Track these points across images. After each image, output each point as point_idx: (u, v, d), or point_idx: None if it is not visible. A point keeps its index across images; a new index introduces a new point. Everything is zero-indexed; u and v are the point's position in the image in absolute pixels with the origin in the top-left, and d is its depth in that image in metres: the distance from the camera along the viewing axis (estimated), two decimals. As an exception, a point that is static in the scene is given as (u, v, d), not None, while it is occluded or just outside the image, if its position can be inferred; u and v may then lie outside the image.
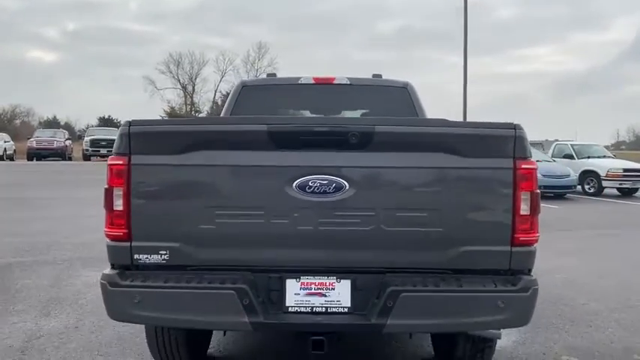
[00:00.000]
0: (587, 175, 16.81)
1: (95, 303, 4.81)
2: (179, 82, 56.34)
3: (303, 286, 2.62)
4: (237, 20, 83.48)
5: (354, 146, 2.57)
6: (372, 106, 4.95)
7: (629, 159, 19.03)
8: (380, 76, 5.15)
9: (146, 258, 2.62)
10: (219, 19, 77.58)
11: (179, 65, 55.75)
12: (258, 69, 55.74)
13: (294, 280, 2.62)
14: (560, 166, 16.08)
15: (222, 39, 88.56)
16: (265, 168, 2.61)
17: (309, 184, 2.55)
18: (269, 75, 5.29)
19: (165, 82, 55.76)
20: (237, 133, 2.66)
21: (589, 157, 17.46)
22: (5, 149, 30.03)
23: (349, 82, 4.87)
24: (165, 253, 2.61)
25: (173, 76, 55.98)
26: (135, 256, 2.62)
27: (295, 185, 2.56)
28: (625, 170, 16.61)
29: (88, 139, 30.50)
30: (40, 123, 53.90)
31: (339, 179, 2.56)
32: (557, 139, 20.71)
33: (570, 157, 17.43)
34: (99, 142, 29.58)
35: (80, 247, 7.15)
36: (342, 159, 2.59)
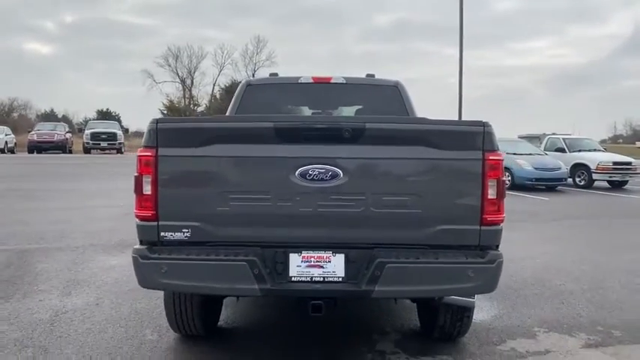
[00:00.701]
0: (577, 168, 17.11)
1: (112, 284, 5.23)
2: (178, 75, 56.51)
3: (304, 259, 3.04)
4: (235, 13, 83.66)
5: (347, 140, 3.01)
6: (365, 103, 5.44)
7: (621, 152, 19.42)
8: (373, 76, 5.66)
9: (171, 235, 3.04)
10: (216, 11, 77.79)
11: (178, 59, 55.89)
12: (256, 63, 56.02)
13: (296, 254, 3.05)
14: (552, 159, 16.40)
15: (220, 32, 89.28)
16: (272, 159, 3.04)
17: (309, 172, 2.99)
18: (271, 74, 5.78)
19: (164, 75, 55.93)
20: (247, 129, 3.10)
21: (580, 151, 17.74)
22: (6, 142, 30.14)
23: (345, 82, 5.35)
24: (187, 230, 3.03)
25: (172, 70, 56.13)
26: (161, 234, 3.04)
27: (297, 173, 2.99)
28: (615, 163, 16.96)
29: (88, 132, 30.54)
30: (38, 116, 53.70)
31: (334, 168, 2.99)
32: (554, 132, 20.95)
33: (562, 150, 17.69)
34: (99, 136, 29.88)
35: (90, 236, 7.51)
36: (337, 151, 3.02)
